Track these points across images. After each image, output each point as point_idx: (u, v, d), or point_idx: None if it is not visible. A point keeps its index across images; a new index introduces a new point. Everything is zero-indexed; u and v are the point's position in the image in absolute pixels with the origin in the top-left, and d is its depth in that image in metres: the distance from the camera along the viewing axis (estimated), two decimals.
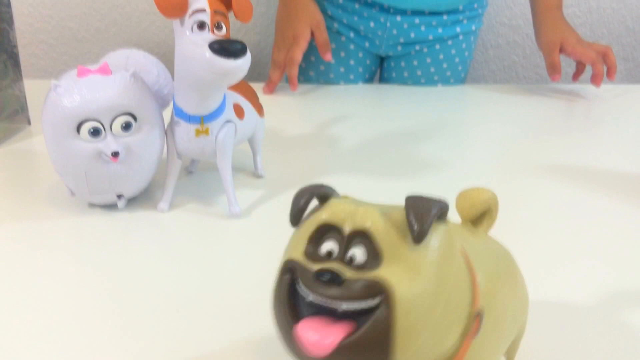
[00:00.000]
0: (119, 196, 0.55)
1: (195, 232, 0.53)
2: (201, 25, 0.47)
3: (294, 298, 0.27)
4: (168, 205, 0.56)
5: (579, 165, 0.71)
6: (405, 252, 0.25)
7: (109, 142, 0.50)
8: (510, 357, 0.35)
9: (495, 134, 0.82)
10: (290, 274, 0.27)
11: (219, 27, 0.48)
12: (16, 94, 0.76)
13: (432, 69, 1.09)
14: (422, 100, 1.00)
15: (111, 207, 0.56)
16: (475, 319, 0.27)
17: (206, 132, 0.52)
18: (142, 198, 0.58)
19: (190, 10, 0.48)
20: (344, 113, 0.90)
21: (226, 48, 0.46)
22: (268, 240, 0.51)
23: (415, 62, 1.09)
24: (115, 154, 0.50)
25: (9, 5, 0.72)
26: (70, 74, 0.52)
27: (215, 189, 0.61)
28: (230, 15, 0.51)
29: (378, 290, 0.24)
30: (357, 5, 1.04)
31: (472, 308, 0.27)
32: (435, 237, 0.26)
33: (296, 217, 0.28)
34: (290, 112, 0.92)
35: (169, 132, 0.54)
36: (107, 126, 0.50)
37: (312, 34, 0.99)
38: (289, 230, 0.52)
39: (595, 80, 1.00)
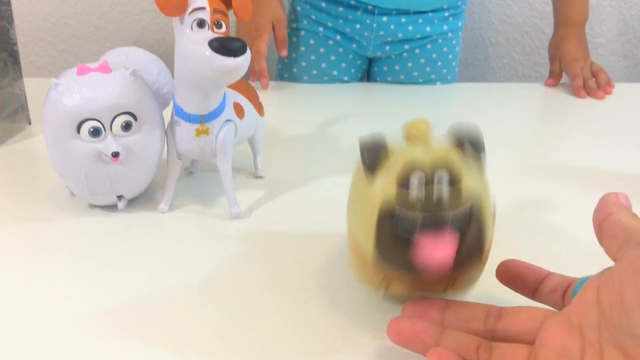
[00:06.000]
0: (119, 197, 0.55)
1: (195, 233, 0.53)
2: (201, 24, 0.47)
3: (396, 234, 0.33)
4: (168, 206, 0.56)
5: (578, 163, 0.71)
6: (467, 166, 0.34)
7: (109, 143, 0.50)
8: None
9: (494, 133, 0.82)
10: (392, 214, 0.32)
11: (218, 25, 0.48)
12: (16, 93, 0.76)
13: (428, 69, 1.09)
14: (422, 98, 1.00)
15: (111, 208, 0.56)
16: (494, 209, 0.36)
17: (206, 131, 0.52)
18: (143, 199, 0.58)
19: (190, 9, 0.47)
20: (344, 112, 0.90)
21: (226, 46, 0.46)
22: (269, 241, 0.51)
23: (409, 64, 1.09)
24: (115, 155, 0.50)
25: (8, 3, 0.72)
26: (70, 72, 0.52)
27: (215, 190, 0.61)
28: (230, 13, 0.51)
29: (470, 195, 0.33)
30: (340, 9, 1.03)
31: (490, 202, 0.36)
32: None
33: (374, 166, 0.34)
34: (290, 111, 0.92)
35: (169, 132, 0.54)
36: (107, 126, 0.50)
37: (273, 29, 1.02)
38: (290, 230, 0.52)
39: (576, 92, 1.04)
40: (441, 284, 0.36)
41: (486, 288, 0.40)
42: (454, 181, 0.33)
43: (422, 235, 0.32)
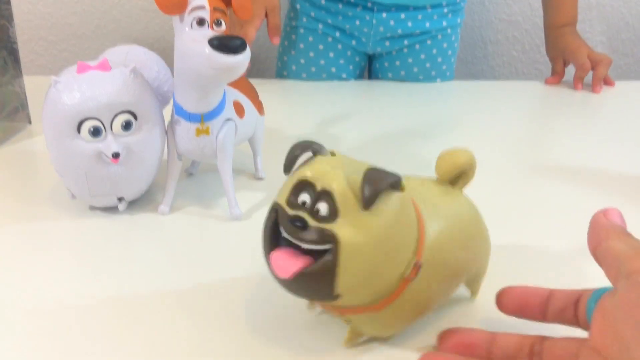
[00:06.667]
0: (120, 199, 0.54)
1: (196, 234, 0.53)
2: (201, 22, 0.47)
3: (276, 233, 0.34)
4: (169, 208, 0.56)
5: (577, 161, 0.71)
6: (357, 213, 0.32)
7: (109, 143, 0.50)
8: (473, 290, 0.43)
9: (493, 131, 0.82)
10: (275, 214, 0.34)
11: (218, 24, 0.48)
12: (16, 91, 0.76)
13: (428, 65, 1.09)
14: (421, 97, 1.00)
15: (112, 209, 0.56)
16: (413, 268, 0.34)
17: (206, 131, 0.52)
18: (143, 200, 0.58)
19: (189, 7, 0.47)
20: (345, 110, 0.90)
21: (225, 44, 0.46)
22: None
23: (410, 60, 1.09)
24: (115, 155, 0.50)
25: (8, 2, 0.72)
26: (69, 70, 0.52)
27: (215, 191, 0.61)
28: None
29: (329, 239, 0.31)
30: (340, 6, 1.04)
31: (412, 259, 0.34)
32: (385, 204, 0.32)
33: (288, 168, 0.35)
34: (290, 110, 0.92)
35: (169, 132, 0.54)
36: (107, 125, 0.50)
37: (266, 16, 1.01)
38: None
39: (575, 83, 1.06)
40: (338, 315, 0.37)
41: None
42: (329, 217, 0.32)
43: (279, 248, 0.34)
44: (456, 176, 0.39)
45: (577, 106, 0.96)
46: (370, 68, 1.16)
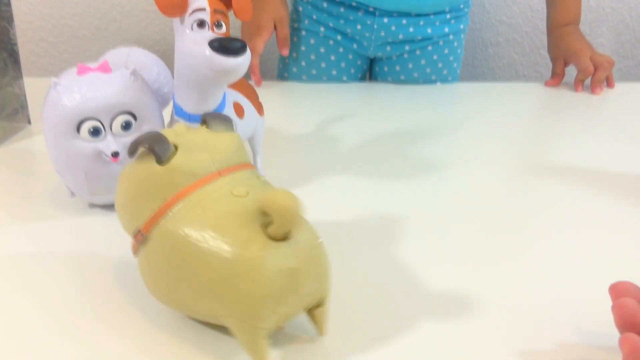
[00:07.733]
0: None
1: None
2: (201, 24, 0.48)
3: None
4: None
5: (578, 163, 0.71)
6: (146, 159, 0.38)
7: (109, 142, 0.50)
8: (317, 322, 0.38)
9: (494, 133, 0.82)
10: None
11: (218, 26, 0.48)
12: (16, 92, 0.76)
13: (429, 70, 1.09)
14: (421, 98, 1.00)
15: (112, 207, 0.56)
16: (137, 233, 0.38)
17: None
18: None
19: (190, 9, 0.48)
20: (344, 112, 0.90)
21: (226, 46, 0.46)
22: None
23: (410, 65, 1.09)
24: (115, 154, 0.50)
25: (9, 4, 0.72)
26: (70, 72, 0.52)
27: None
28: (231, 13, 0.51)
29: None
30: (342, 9, 1.03)
31: (138, 225, 0.38)
32: (150, 164, 0.38)
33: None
34: (290, 111, 0.92)
35: None
36: (107, 125, 0.50)
37: (275, 27, 1.01)
38: None
39: (575, 86, 1.07)
40: None
41: None
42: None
43: None
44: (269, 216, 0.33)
45: (578, 108, 0.96)
46: (371, 72, 1.16)
